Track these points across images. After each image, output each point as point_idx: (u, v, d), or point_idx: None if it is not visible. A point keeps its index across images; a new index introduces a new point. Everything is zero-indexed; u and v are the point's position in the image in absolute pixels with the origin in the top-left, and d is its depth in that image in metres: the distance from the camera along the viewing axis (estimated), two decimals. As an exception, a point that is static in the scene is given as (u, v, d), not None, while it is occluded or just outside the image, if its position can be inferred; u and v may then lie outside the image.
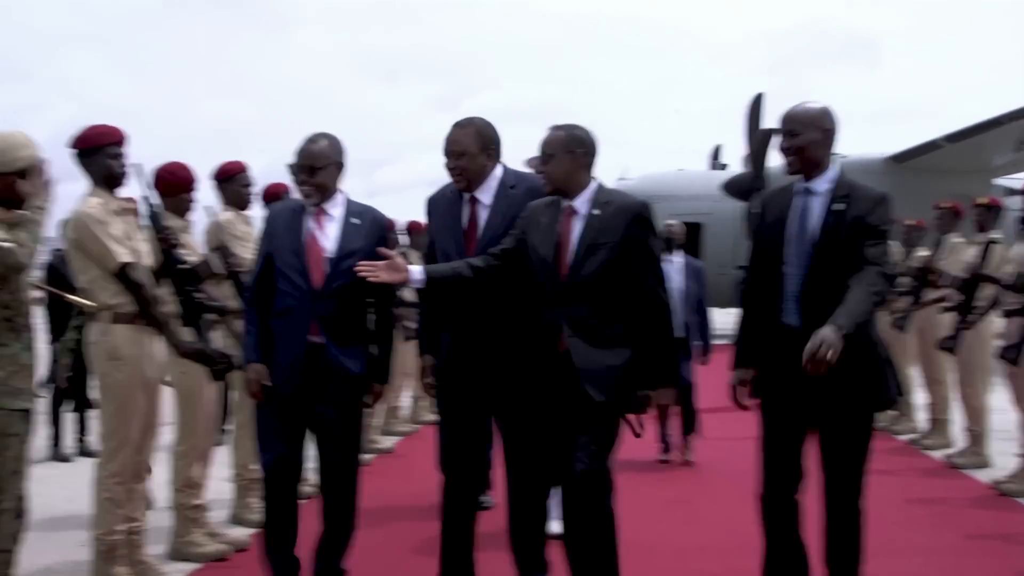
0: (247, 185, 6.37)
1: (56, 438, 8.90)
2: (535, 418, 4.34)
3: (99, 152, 4.85)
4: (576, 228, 4.32)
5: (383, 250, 4.43)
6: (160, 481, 5.48)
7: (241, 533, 6.12)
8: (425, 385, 4.90)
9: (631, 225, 4.28)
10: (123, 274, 4.72)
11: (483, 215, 4.59)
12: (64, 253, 5.28)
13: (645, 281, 4.27)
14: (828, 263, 4.13)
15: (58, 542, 5.96)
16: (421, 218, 7.96)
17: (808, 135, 4.22)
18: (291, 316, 4.58)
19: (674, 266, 8.39)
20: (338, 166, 4.72)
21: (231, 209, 6.33)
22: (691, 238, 9.03)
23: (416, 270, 4.37)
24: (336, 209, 4.69)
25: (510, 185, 4.63)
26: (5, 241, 3.90)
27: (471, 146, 4.55)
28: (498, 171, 4.64)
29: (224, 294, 5.80)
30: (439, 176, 4.75)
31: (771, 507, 4.33)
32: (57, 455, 8.84)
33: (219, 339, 5.63)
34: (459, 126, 4.60)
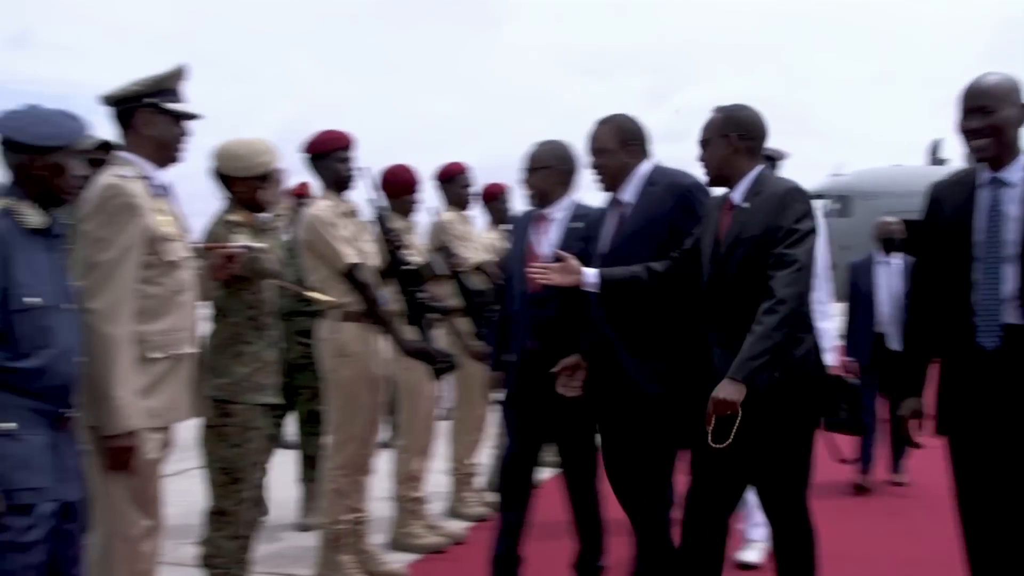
0: (467, 185, 6.49)
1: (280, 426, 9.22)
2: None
3: (328, 156, 5.03)
4: (728, 223, 3.87)
5: (557, 251, 4.33)
6: (381, 473, 5.64)
7: (458, 526, 6.26)
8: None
9: (773, 215, 3.70)
10: (351, 274, 4.88)
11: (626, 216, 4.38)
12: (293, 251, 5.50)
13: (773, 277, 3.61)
14: None
15: (282, 529, 6.21)
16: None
17: (1005, 112, 3.49)
18: (516, 321, 4.70)
19: (892, 268, 7.56)
20: (555, 171, 4.75)
21: (452, 209, 6.46)
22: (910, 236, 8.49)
23: (590, 273, 4.19)
24: (559, 213, 4.74)
25: (651, 182, 4.34)
26: (254, 247, 4.11)
27: (610, 143, 4.36)
28: (644, 168, 4.39)
29: (446, 293, 5.92)
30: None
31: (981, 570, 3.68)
32: (281, 443, 9.17)
33: (441, 338, 5.76)
34: (600, 122, 4.43)
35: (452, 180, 6.44)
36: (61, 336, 3.09)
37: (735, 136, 3.87)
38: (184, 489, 5.99)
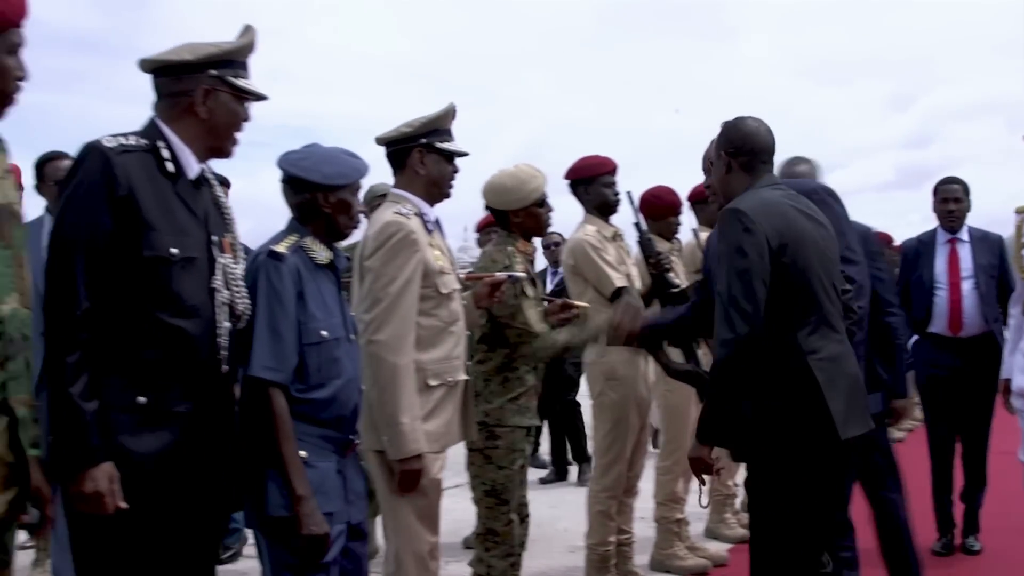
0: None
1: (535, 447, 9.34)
2: None
3: (594, 181, 5.12)
4: None
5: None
6: (644, 494, 5.66)
7: (718, 548, 6.21)
8: None
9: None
10: (618, 298, 4.92)
11: None
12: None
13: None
14: None
15: (545, 547, 6.29)
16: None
17: None
18: None
19: None
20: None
21: (704, 229, 6.40)
22: None
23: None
24: None
25: None
26: (518, 276, 4.22)
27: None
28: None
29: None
30: (889, 178, 4.07)
31: None
32: (536, 462, 9.29)
33: (706, 360, 5.72)
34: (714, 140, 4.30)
35: (707, 201, 6.37)
36: (348, 366, 3.25)
37: (725, 154, 3.62)
38: (446, 508, 6.15)
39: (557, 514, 6.90)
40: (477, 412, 4.18)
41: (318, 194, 3.23)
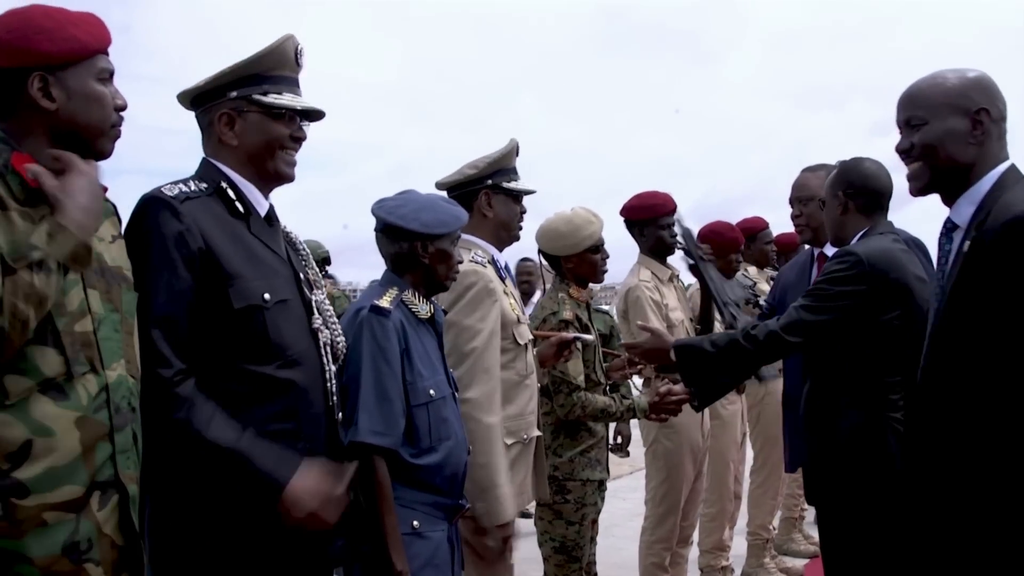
0: (771, 242, 6.26)
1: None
2: None
3: (652, 223, 4.90)
4: None
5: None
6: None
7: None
8: None
9: None
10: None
11: None
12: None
13: None
14: None
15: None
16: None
17: None
18: None
19: None
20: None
21: (751, 266, 6.24)
22: None
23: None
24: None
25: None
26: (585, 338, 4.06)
27: (819, 192, 4.01)
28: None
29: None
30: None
31: None
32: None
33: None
34: (809, 170, 4.19)
35: (754, 237, 6.22)
36: (455, 426, 3.05)
37: (842, 194, 3.58)
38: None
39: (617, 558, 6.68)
40: (548, 466, 4.00)
41: (416, 243, 3.04)
